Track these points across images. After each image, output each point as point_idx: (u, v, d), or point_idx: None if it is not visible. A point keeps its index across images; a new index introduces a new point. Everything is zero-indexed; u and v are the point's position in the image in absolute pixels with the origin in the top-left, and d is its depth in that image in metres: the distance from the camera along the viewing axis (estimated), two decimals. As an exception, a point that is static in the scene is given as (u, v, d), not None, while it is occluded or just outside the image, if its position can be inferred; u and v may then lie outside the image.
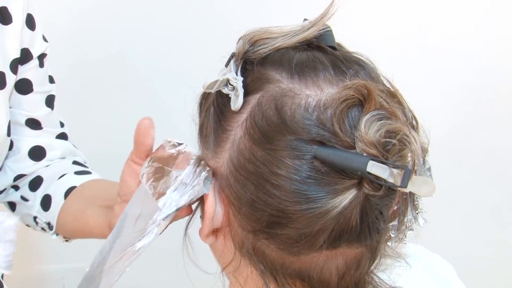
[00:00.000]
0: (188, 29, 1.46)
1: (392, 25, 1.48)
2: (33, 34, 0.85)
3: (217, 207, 0.54)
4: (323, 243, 0.50)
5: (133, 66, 1.50)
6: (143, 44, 1.49)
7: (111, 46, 1.49)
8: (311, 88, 0.50)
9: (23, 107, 0.87)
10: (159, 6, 1.46)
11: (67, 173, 0.89)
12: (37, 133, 0.89)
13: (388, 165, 0.47)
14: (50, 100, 0.90)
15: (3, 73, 0.82)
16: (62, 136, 0.94)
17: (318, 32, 0.54)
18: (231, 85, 0.52)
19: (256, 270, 0.54)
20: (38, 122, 0.89)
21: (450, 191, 1.36)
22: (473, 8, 1.49)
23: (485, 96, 1.55)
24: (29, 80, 0.87)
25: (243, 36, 0.54)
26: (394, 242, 0.56)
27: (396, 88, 0.53)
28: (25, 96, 0.87)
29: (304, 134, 0.48)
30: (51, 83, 0.91)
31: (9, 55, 0.83)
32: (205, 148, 0.56)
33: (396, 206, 0.53)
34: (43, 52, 0.88)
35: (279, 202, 0.49)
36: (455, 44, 1.52)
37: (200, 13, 1.46)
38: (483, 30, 1.51)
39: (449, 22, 1.50)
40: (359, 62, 0.53)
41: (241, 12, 1.43)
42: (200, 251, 0.57)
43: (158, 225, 0.57)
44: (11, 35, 0.82)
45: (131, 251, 0.59)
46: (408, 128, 0.49)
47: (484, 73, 1.53)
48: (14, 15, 0.82)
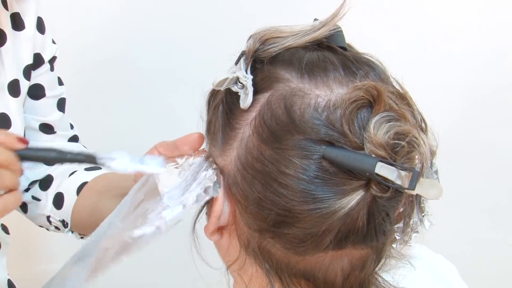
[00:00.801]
0: (191, 28, 1.46)
1: (389, 24, 1.48)
2: (43, 38, 0.85)
3: (224, 205, 0.54)
4: (329, 243, 0.50)
5: (136, 67, 1.50)
6: (145, 44, 1.49)
7: (113, 47, 1.48)
8: (321, 88, 0.50)
9: (36, 112, 0.87)
10: (161, 5, 1.46)
11: (77, 170, 0.89)
12: (50, 138, 0.89)
13: (397, 167, 0.47)
14: (61, 103, 0.91)
15: (17, 81, 0.82)
16: (74, 138, 0.94)
17: (328, 32, 0.54)
18: (240, 83, 0.52)
19: (261, 269, 0.54)
20: (51, 126, 0.89)
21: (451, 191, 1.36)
22: (472, 5, 1.49)
23: (485, 95, 1.55)
24: (42, 85, 0.87)
25: (253, 35, 0.54)
26: (399, 244, 0.57)
27: (406, 90, 0.53)
28: (38, 101, 0.87)
29: (313, 134, 0.48)
30: (60, 86, 0.91)
31: (23, 62, 0.83)
32: (213, 146, 0.56)
33: (402, 208, 0.53)
34: (54, 55, 0.88)
35: (286, 201, 0.49)
36: (453, 42, 1.51)
37: (204, 13, 1.45)
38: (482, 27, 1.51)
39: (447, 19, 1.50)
40: (369, 63, 0.53)
41: (245, 12, 1.42)
42: (206, 247, 0.57)
43: (163, 222, 0.57)
44: (24, 41, 0.82)
45: (128, 237, 0.58)
46: (417, 131, 0.49)
47: (484, 72, 1.53)
48: (27, 21, 0.82)
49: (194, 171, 0.56)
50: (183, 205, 0.56)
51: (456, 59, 1.52)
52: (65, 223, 0.87)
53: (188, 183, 0.56)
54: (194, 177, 0.55)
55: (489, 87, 1.54)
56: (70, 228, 0.88)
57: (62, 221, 0.88)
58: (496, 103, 1.55)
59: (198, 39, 1.45)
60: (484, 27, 1.50)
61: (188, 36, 1.46)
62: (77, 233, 0.89)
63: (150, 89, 1.51)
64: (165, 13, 1.45)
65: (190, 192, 0.56)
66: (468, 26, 1.49)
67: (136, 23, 1.45)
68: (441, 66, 1.52)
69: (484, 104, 1.55)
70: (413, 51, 1.50)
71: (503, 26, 1.50)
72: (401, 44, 1.49)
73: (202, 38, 1.44)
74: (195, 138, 0.59)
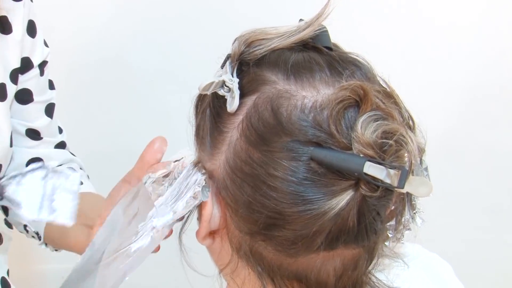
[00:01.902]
0: (187, 29, 1.46)
1: (389, 24, 1.48)
2: (34, 42, 0.85)
3: (214, 209, 0.54)
4: (321, 244, 0.50)
5: (131, 67, 1.50)
6: (141, 45, 1.49)
7: (109, 47, 1.48)
8: (307, 89, 0.50)
9: (23, 117, 0.87)
10: (157, 6, 1.46)
11: None
12: (36, 143, 0.89)
13: (385, 166, 0.47)
14: (49, 109, 0.90)
15: (3, 84, 0.82)
16: (61, 145, 0.93)
17: (314, 33, 0.54)
18: (227, 86, 0.52)
19: (254, 271, 0.54)
20: (38, 132, 0.88)
21: (448, 190, 1.36)
22: (472, 5, 1.49)
23: (483, 95, 1.55)
24: (30, 90, 0.86)
25: (238, 37, 0.54)
26: (392, 242, 0.56)
27: (393, 89, 0.53)
28: (25, 106, 0.86)
29: (300, 136, 0.48)
30: (51, 90, 0.91)
31: (10, 65, 0.82)
32: (202, 150, 0.56)
33: (393, 206, 0.53)
34: (44, 60, 0.88)
35: (276, 204, 0.49)
36: (453, 42, 1.52)
37: (199, 14, 1.45)
38: (482, 27, 1.51)
39: (447, 20, 1.50)
40: (355, 62, 0.53)
41: (239, 13, 1.42)
42: (197, 253, 0.57)
43: (155, 230, 0.57)
44: (12, 45, 0.82)
45: (126, 253, 0.58)
46: (405, 129, 0.49)
47: (483, 72, 1.53)
48: (15, 24, 0.82)
49: (184, 178, 0.55)
50: (173, 212, 0.56)
51: (456, 59, 1.52)
52: (39, 235, 0.87)
53: (179, 191, 0.56)
54: (185, 184, 0.55)
55: (489, 87, 1.54)
56: (43, 241, 0.87)
57: (36, 233, 0.87)
58: (496, 103, 1.55)
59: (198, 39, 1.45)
60: (485, 26, 1.50)
61: (187, 36, 1.46)
62: (51, 246, 0.89)
63: (148, 89, 1.51)
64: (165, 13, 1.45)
65: (181, 199, 0.56)
66: (469, 26, 1.49)
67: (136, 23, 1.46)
68: (441, 66, 1.52)
69: (484, 104, 1.56)
70: (412, 51, 1.50)
71: (503, 26, 1.50)
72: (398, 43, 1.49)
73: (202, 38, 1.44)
74: (159, 146, 0.60)
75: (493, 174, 1.60)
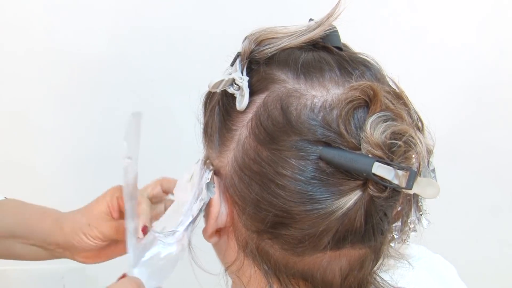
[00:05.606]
0: (189, 28, 1.46)
1: (398, 25, 1.48)
2: None
3: (221, 207, 0.54)
4: (327, 244, 0.50)
5: (133, 66, 1.50)
6: (142, 43, 1.49)
7: (110, 45, 1.48)
8: (317, 89, 0.50)
9: None
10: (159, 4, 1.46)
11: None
12: None
13: (393, 167, 0.47)
14: None
15: None
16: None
17: (324, 33, 0.54)
18: (236, 84, 0.52)
19: (260, 270, 0.54)
20: None
21: (451, 191, 1.36)
22: (475, 8, 1.49)
23: (486, 97, 1.55)
24: None
25: (249, 36, 0.54)
26: (397, 243, 0.57)
27: (402, 89, 0.53)
28: None
29: (309, 135, 0.48)
30: None
31: None
32: (210, 148, 0.56)
33: (400, 207, 0.53)
34: None
35: (284, 202, 0.49)
36: (456, 44, 1.51)
37: (202, 12, 1.45)
38: (485, 30, 1.51)
39: (451, 21, 1.50)
40: (365, 63, 0.53)
41: (244, 12, 1.42)
42: (203, 250, 0.57)
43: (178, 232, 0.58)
44: None
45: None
46: (414, 130, 0.49)
47: (486, 74, 1.53)
48: None
49: (198, 178, 0.55)
50: (192, 215, 0.56)
51: (457, 59, 1.52)
52: None
53: (196, 192, 0.56)
54: (198, 185, 0.56)
55: (490, 87, 1.54)
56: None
57: None
58: (496, 103, 1.55)
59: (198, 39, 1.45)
60: (486, 26, 1.50)
61: (187, 36, 1.46)
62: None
63: (149, 89, 1.51)
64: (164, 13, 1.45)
65: (195, 200, 0.56)
66: (469, 25, 1.49)
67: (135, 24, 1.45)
68: (441, 66, 1.52)
69: (484, 104, 1.55)
70: (412, 51, 1.50)
71: (504, 25, 1.50)
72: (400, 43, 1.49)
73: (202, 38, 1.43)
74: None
75: (495, 173, 1.60)
